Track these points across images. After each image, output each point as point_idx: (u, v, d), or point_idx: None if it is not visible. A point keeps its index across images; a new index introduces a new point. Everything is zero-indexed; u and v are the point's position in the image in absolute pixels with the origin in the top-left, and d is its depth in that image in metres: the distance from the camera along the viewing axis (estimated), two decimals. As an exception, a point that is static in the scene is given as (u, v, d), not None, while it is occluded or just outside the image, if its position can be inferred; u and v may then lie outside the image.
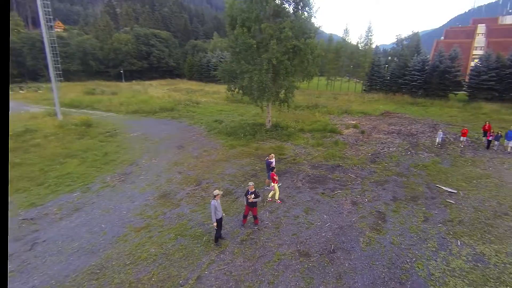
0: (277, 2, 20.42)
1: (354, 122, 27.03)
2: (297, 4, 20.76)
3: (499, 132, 17.59)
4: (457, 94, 42.43)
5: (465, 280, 7.01)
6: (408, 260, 7.74)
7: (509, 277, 7.08)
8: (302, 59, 20.19)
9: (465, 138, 17.97)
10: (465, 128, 18.43)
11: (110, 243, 8.36)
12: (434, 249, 8.22)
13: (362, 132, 23.08)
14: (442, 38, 72.50)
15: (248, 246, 8.46)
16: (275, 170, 12.05)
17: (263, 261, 7.79)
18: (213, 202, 8.21)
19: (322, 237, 8.91)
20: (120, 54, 78.73)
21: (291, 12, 21.26)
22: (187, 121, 26.92)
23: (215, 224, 8.26)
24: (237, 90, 22.96)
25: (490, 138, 17.70)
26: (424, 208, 10.63)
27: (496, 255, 7.91)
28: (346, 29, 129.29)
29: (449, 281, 6.94)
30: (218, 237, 8.51)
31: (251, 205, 9.16)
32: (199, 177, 13.81)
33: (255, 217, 9.56)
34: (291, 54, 19.69)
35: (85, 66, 74.79)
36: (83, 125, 22.87)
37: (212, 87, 56.42)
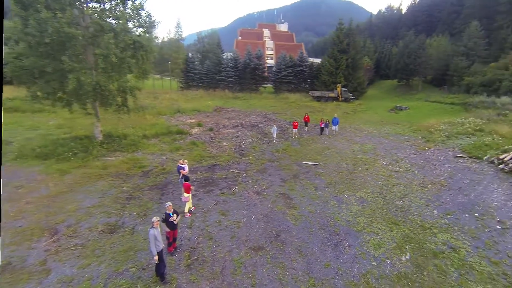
0: None
1: (194, 120, 29.35)
2: None
3: (327, 120, 25.71)
4: (266, 87, 56.61)
5: (364, 215, 11.03)
6: (329, 219, 10.78)
7: (381, 205, 12.01)
8: (140, 56, 19.62)
9: (296, 129, 24.99)
10: (296, 121, 25.45)
11: None
12: (336, 205, 11.89)
13: (211, 130, 25.79)
14: (240, 38, 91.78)
15: (200, 267, 8.06)
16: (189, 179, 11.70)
17: (229, 272, 7.87)
18: (151, 230, 7.21)
19: (259, 229, 10.10)
20: None
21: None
22: None
23: (156, 257, 7.28)
24: (44, 95, 18.36)
25: (322, 126, 25.49)
26: (308, 181, 14.53)
27: (368, 195, 12.90)
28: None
29: (359, 220, 10.67)
30: (163, 273, 7.46)
31: (174, 228, 8.68)
32: (46, 224, 10.37)
33: (175, 240, 9.03)
34: (131, 50, 18.61)
35: None
36: None
37: None
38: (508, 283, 7.76)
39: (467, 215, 11.28)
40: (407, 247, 9.20)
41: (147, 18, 20.04)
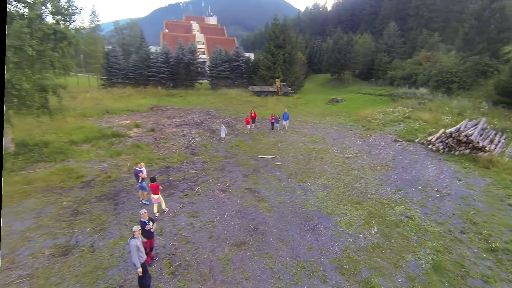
0: None
1: (129, 121, 27.73)
2: None
3: (278, 116, 26.49)
4: (202, 83, 55.98)
5: (330, 200, 12.21)
6: (300, 206, 11.66)
7: (343, 189, 13.41)
8: (60, 48, 17.84)
9: (249, 125, 25.39)
10: (248, 118, 25.84)
11: None
12: (303, 193, 12.85)
13: (153, 130, 24.76)
14: (167, 30, 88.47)
15: (186, 272, 7.98)
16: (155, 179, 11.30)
17: (218, 271, 7.98)
18: (132, 241, 6.94)
19: (235, 225, 10.36)
20: None
21: None
22: None
23: (140, 270, 7.02)
24: None
25: (272, 121, 26.28)
26: (270, 174, 15.24)
27: (328, 181, 14.24)
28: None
29: (327, 204, 11.80)
30: (149, 285, 7.23)
31: (151, 236, 8.44)
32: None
33: (152, 249, 8.74)
34: (52, 42, 16.77)
35: None
36: None
37: None
38: (454, 237, 9.80)
39: (413, 189, 13.45)
40: (373, 221, 10.61)
41: (67, 4, 18.23)
